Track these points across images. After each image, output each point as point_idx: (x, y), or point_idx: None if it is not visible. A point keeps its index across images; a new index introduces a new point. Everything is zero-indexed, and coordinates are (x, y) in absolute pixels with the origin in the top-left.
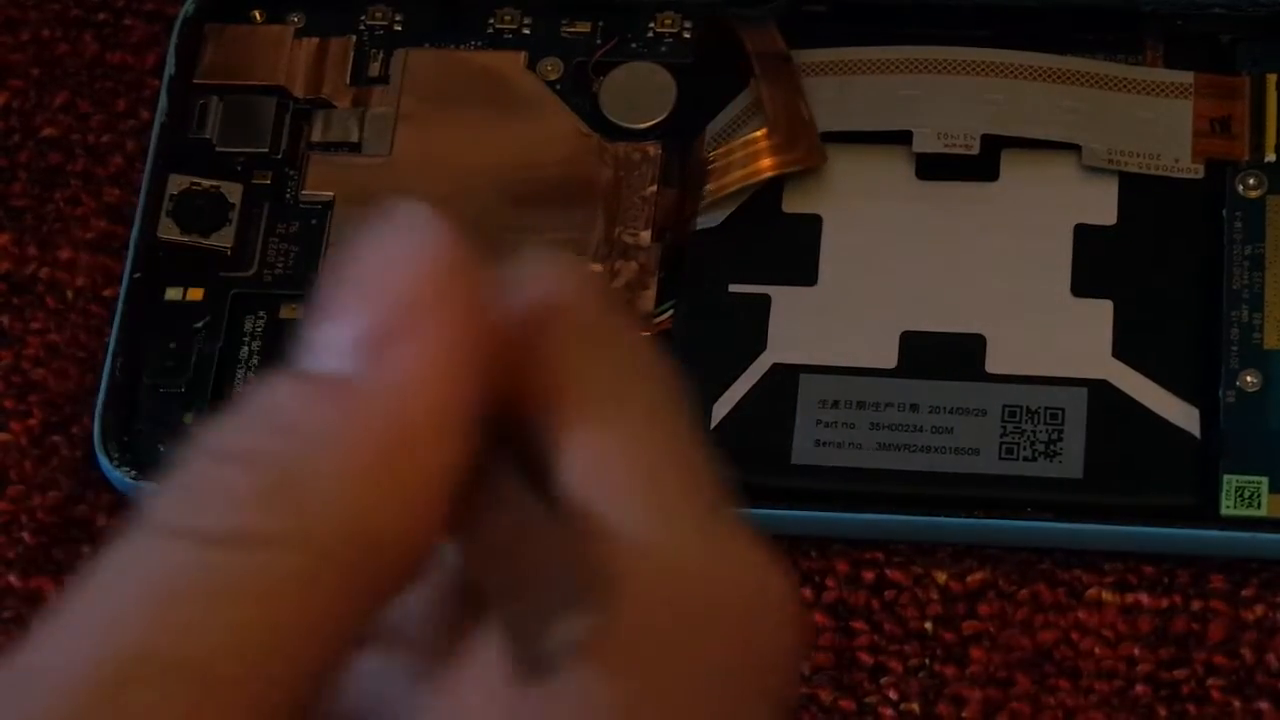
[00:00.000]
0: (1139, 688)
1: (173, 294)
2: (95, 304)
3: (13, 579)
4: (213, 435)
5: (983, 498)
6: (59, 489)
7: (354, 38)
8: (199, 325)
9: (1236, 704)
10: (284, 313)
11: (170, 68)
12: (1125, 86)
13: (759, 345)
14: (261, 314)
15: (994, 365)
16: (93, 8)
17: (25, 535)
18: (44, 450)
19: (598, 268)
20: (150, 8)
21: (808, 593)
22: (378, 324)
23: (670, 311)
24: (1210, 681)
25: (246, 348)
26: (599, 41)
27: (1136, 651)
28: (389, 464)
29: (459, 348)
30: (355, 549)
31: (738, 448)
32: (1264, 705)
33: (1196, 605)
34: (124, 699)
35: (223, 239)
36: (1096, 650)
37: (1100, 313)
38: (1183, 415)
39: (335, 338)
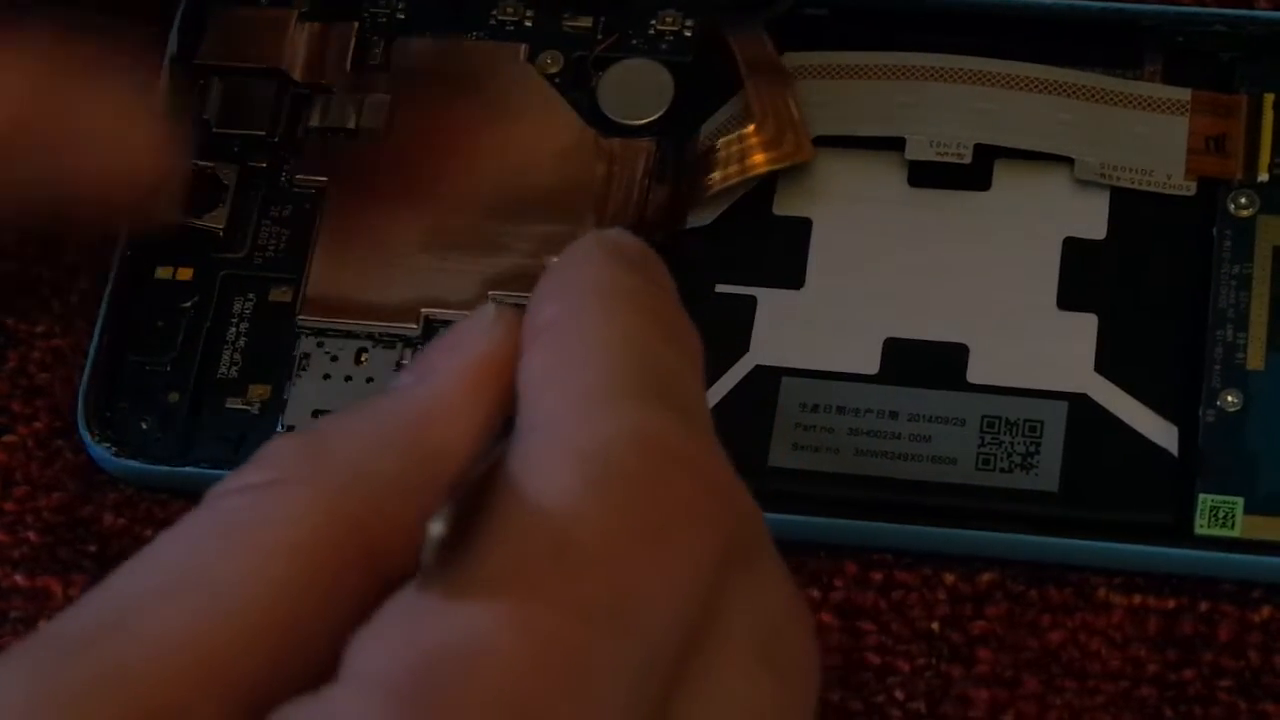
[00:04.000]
0: (1145, 689)
1: (163, 273)
2: (99, 306)
3: (19, 579)
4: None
5: (957, 507)
6: (65, 490)
7: (356, 25)
8: (187, 305)
9: (1243, 705)
10: (273, 295)
11: (172, 46)
12: (1121, 101)
13: (742, 347)
14: (251, 296)
15: (975, 375)
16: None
17: (31, 535)
18: (49, 453)
19: None
20: None
21: (815, 593)
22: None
23: None
24: (1217, 683)
25: (234, 329)
26: (600, 37)
27: (1143, 653)
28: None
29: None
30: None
31: None
32: (1270, 707)
33: (1204, 607)
34: None
35: (215, 220)
36: (1103, 651)
37: (1084, 327)
38: (1162, 433)
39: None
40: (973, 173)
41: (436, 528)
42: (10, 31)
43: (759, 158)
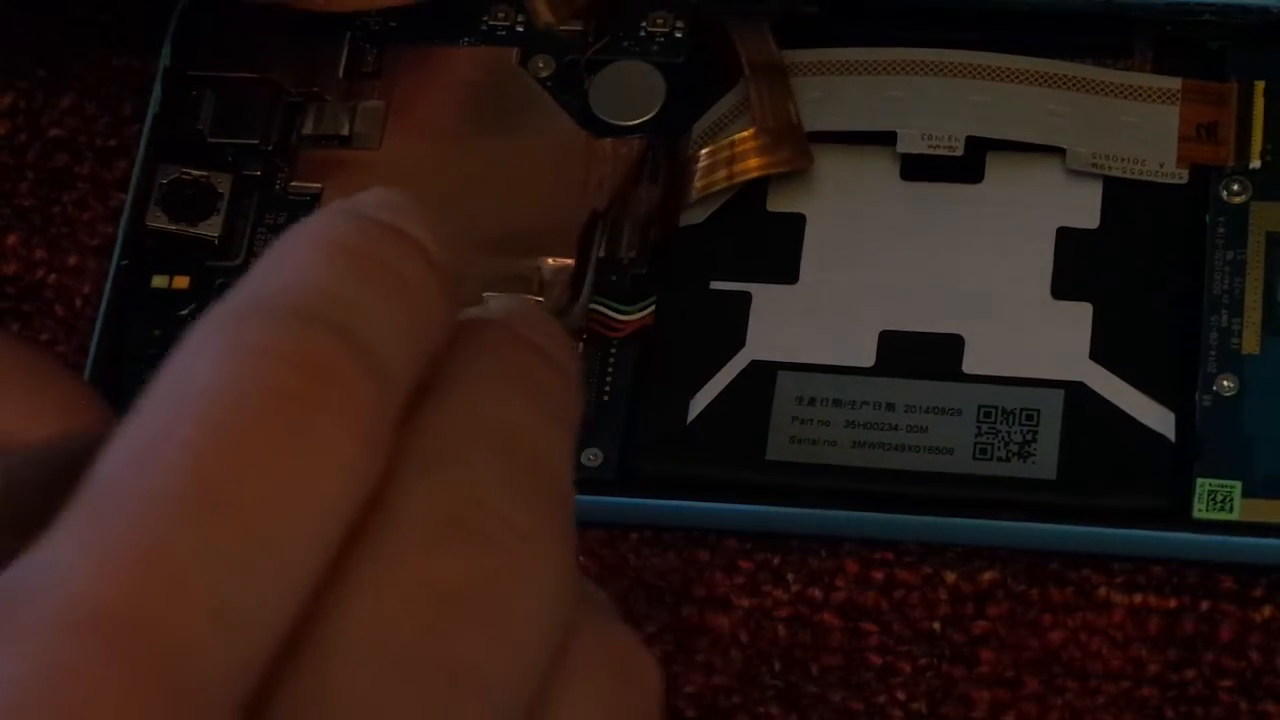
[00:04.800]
0: (1146, 689)
1: (159, 281)
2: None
3: None
4: None
5: (955, 497)
6: None
7: (348, 33)
8: (184, 313)
9: (1244, 706)
10: None
11: (166, 58)
12: (1112, 91)
13: (738, 342)
14: None
15: (971, 366)
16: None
17: None
18: None
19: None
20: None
21: (817, 593)
22: None
23: (652, 307)
24: (1218, 683)
25: None
26: (591, 40)
27: (1144, 653)
28: None
29: None
30: None
31: (713, 443)
32: (1271, 707)
33: (1205, 606)
34: None
35: (210, 228)
36: (1104, 651)
37: (1079, 315)
38: (1158, 418)
39: None
40: (965, 165)
41: None
42: None
43: (756, 162)
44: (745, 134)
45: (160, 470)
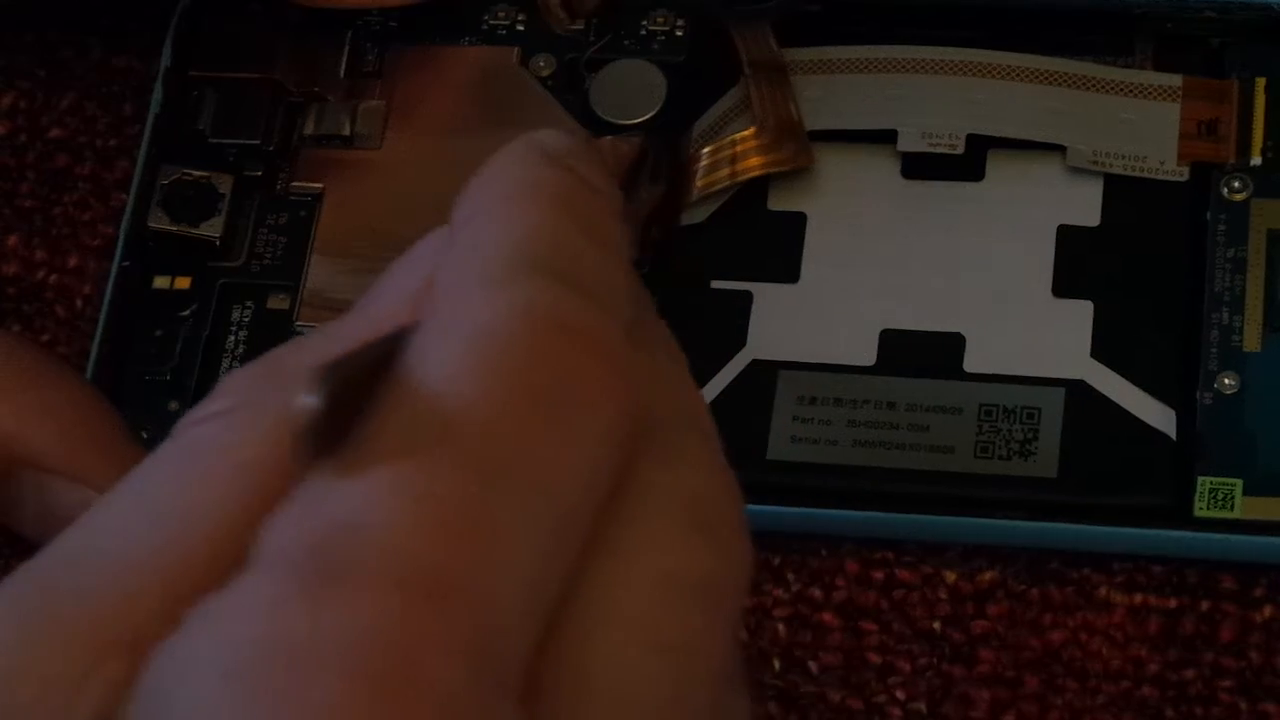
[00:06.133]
0: (1146, 689)
1: (160, 282)
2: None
3: None
4: None
5: (956, 496)
6: None
7: (349, 32)
8: (186, 314)
9: (1244, 706)
10: (271, 303)
11: (166, 59)
12: (1112, 88)
13: (739, 341)
14: (249, 304)
15: (972, 364)
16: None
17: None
18: None
19: None
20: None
21: (817, 592)
22: None
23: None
24: (1218, 683)
25: (233, 337)
26: (592, 39)
27: (1144, 653)
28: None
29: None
30: None
31: None
32: (1271, 707)
33: (1205, 606)
34: None
35: (212, 229)
36: (1104, 651)
37: (1080, 313)
38: (1159, 416)
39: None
40: (966, 163)
41: (308, 401)
42: None
43: (757, 161)
44: (746, 133)
45: (470, 429)
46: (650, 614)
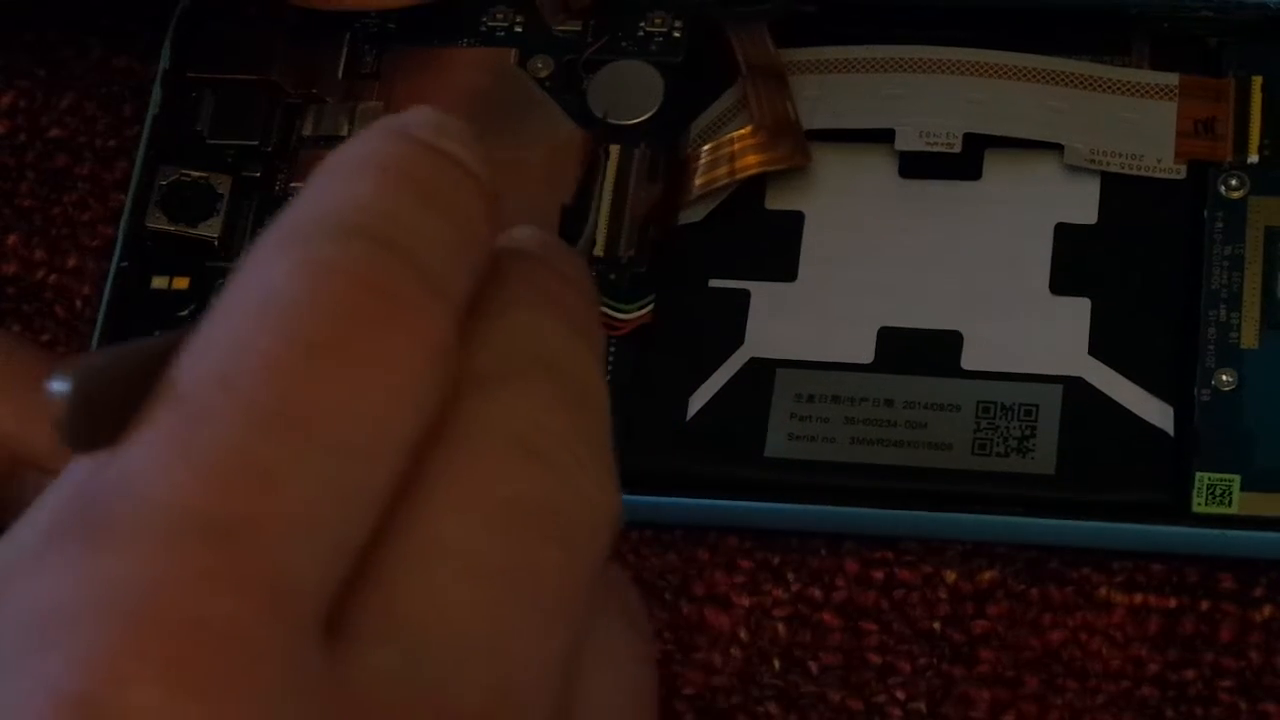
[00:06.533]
0: (1146, 689)
1: (159, 282)
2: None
3: None
4: None
5: (954, 492)
6: None
7: (348, 34)
8: (185, 314)
9: (1244, 706)
10: None
11: (165, 60)
12: (1109, 87)
13: (737, 340)
14: None
15: (970, 362)
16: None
17: None
18: None
19: None
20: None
21: (817, 592)
22: None
23: (651, 305)
24: (1218, 683)
25: None
26: (589, 40)
27: (1144, 652)
28: None
29: None
30: None
31: (712, 440)
32: (1271, 707)
33: (1205, 606)
34: None
35: (210, 229)
36: (1104, 651)
37: (1078, 311)
38: (1157, 413)
39: None
40: (963, 162)
41: (55, 388)
42: None
43: (754, 159)
44: (743, 131)
45: (243, 380)
46: (468, 542)
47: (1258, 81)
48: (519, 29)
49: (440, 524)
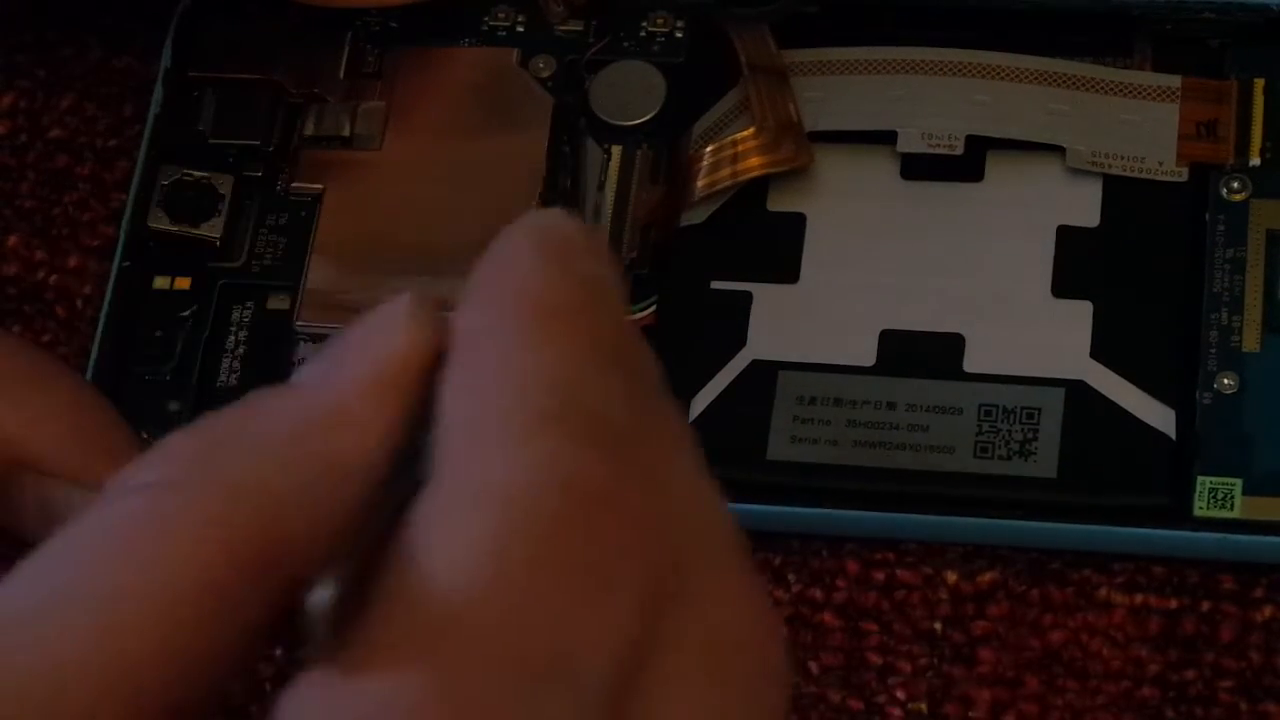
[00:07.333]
0: (1147, 689)
1: (160, 283)
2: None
3: None
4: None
5: (956, 495)
6: None
7: (349, 33)
8: (185, 314)
9: (1244, 706)
10: (272, 303)
11: (166, 60)
12: (1112, 89)
13: (739, 342)
14: (249, 304)
15: (972, 364)
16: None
17: None
18: None
19: None
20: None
21: (818, 593)
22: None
23: (653, 307)
24: (1218, 683)
25: (233, 337)
26: (591, 40)
27: (1145, 653)
28: (303, 444)
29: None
30: (255, 508)
31: (715, 443)
32: (1271, 707)
33: (1205, 606)
34: None
35: (212, 229)
36: (1105, 651)
37: (1080, 313)
38: (1159, 416)
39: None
40: (965, 164)
41: (320, 597)
42: None
43: (756, 161)
44: (746, 133)
45: (495, 621)
46: None
47: (1260, 84)
48: (521, 29)
49: None
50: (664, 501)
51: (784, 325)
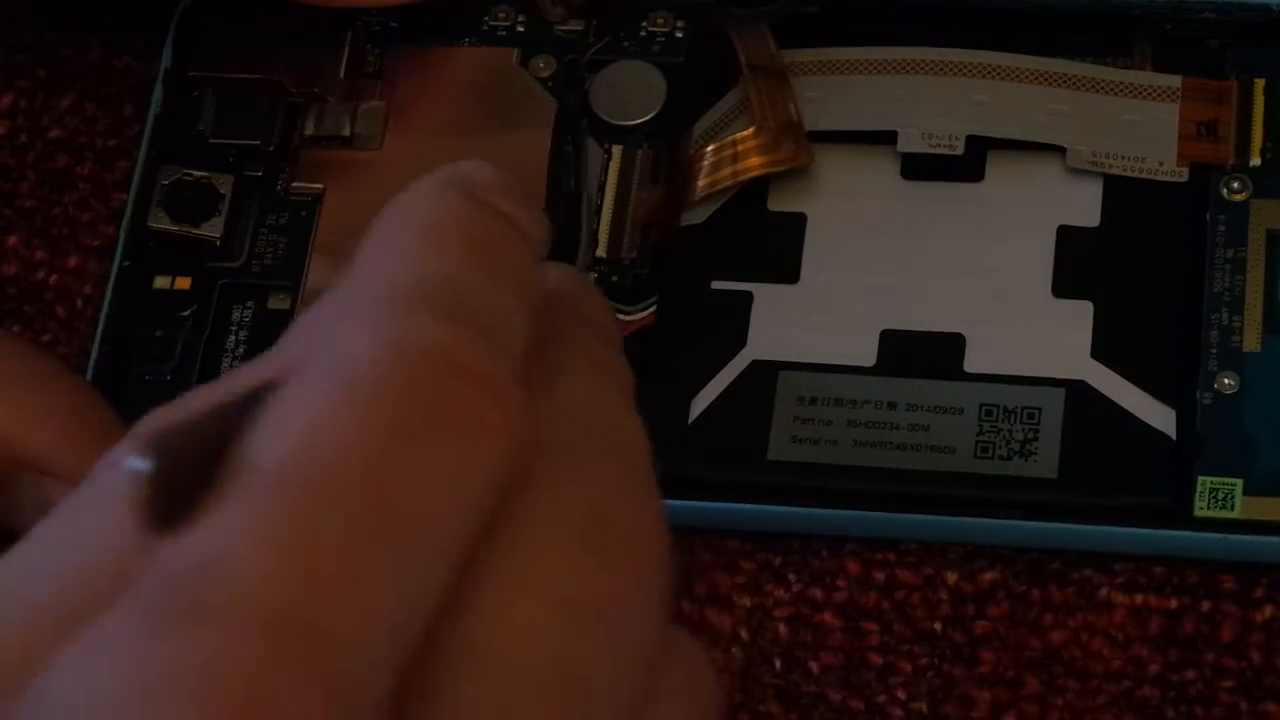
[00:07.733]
0: (1147, 689)
1: (161, 282)
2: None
3: None
4: None
5: (957, 496)
6: None
7: (349, 33)
8: (186, 314)
9: (1244, 706)
10: (272, 303)
11: (166, 60)
12: (1112, 89)
13: (739, 342)
14: (249, 304)
15: (972, 365)
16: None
17: None
18: None
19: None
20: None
21: (818, 593)
22: None
23: (653, 307)
24: (1219, 683)
25: (233, 337)
26: (591, 40)
27: (1145, 653)
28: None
29: None
30: None
31: (715, 443)
32: (1272, 707)
33: (1205, 606)
34: None
35: (212, 229)
36: (1105, 651)
37: (1080, 313)
38: (1159, 416)
39: None
40: (965, 164)
41: (135, 463)
42: None
43: (756, 161)
44: (746, 133)
45: (329, 466)
46: (530, 641)
47: (1260, 84)
48: (521, 28)
49: (502, 622)
50: (546, 395)
51: (784, 325)
